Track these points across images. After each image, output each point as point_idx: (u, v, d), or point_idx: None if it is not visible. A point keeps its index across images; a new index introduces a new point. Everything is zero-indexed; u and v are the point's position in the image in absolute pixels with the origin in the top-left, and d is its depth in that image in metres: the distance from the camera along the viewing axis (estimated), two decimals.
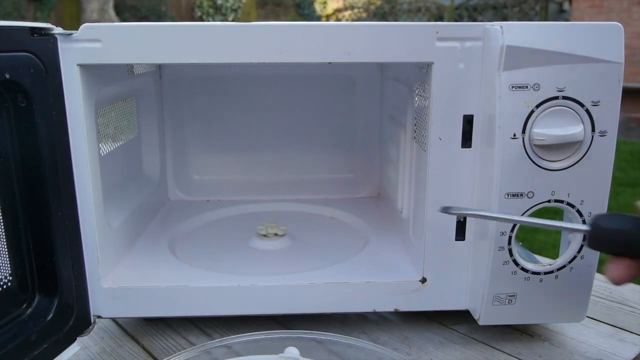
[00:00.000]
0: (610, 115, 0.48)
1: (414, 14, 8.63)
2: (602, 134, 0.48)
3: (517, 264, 0.50)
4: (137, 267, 0.58)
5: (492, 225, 0.49)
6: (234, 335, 0.50)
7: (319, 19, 9.55)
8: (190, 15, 8.77)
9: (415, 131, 0.61)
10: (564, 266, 0.51)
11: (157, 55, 0.48)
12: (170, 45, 0.47)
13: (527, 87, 0.47)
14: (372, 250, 0.64)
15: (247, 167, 0.85)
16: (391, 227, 0.70)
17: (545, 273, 0.51)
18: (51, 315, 0.47)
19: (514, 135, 0.48)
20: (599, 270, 0.51)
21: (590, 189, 0.49)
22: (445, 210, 0.49)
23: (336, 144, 0.85)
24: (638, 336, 0.56)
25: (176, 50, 0.47)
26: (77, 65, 0.47)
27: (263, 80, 0.82)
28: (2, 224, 0.44)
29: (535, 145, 0.48)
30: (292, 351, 0.46)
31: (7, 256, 0.45)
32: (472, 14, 8.00)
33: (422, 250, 0.53)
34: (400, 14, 8.76)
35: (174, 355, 0.47)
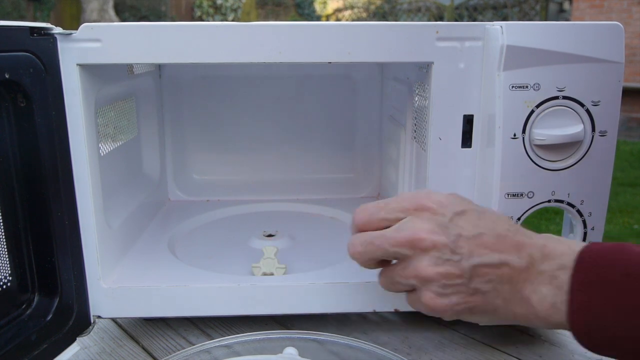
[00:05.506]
0: (610, 115, 0.48)
1: (414, 14, 8.64)
2: (602, 133, 0.48)
3: None
4: (137, 267, 0.58)
5: None
6: (234, 335, 0.50)
7: (319, 18, 9.55)
8: (190, 15, 8.78)
9: (415, 131, 0.61)
10: None
11: (157, 55, 0.48)
12: (170, 45, 0.47)
13: (527, 87, 0.47)
14: None
15: (247, 167, 0.85)
16: None
17: None
18: (51, 316, 0.47)
19: (514, 135, 0.48)
20: None
21: (591, 189, 0.49)
22: None
23: (336, 144, 0.85)
24: None
25: (176, 50, 0.47)
26: (77, 65, 0.47)
27: (263, 80, 0.82)
28: (2, 224, 0.44)
29: (535, 145, 0.48)
30: (291, 351, 0.46)
31: (7, 256, 0.45)
32: (472, 13, 8.00)
33: None
34: (400, 14, 8.76)
35: (174, 355, 0.47)
